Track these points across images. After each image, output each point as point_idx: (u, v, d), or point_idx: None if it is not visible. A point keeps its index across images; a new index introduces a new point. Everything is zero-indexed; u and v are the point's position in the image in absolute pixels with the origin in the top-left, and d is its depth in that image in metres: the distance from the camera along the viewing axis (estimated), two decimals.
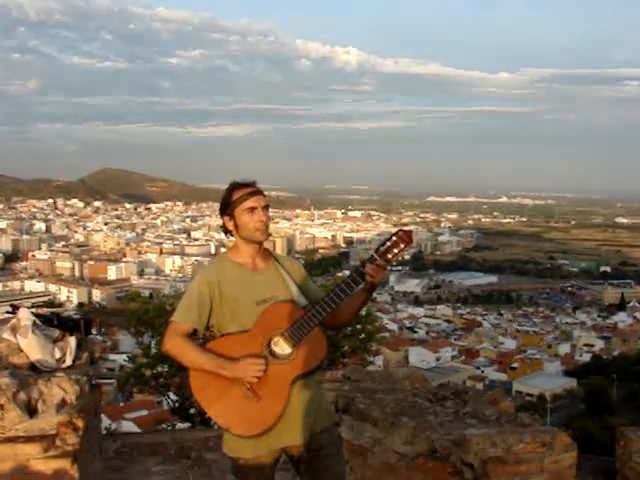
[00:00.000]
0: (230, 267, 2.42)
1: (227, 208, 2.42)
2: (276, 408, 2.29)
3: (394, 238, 2.28)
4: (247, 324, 2.34)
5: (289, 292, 2.45)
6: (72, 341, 3.42)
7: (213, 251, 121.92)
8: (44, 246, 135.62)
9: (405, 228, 2.35)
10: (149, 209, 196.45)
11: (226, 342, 2.33)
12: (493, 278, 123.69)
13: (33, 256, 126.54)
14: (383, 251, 2.29)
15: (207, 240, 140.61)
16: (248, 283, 2.40)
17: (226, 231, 2.47)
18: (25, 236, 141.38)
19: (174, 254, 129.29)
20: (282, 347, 2.33)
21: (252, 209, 2.38)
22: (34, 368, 3.23)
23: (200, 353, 2.29)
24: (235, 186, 2.43)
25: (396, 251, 2.28)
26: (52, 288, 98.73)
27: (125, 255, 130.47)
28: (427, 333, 73.35)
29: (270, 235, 2.49)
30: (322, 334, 2.38)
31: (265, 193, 2.49)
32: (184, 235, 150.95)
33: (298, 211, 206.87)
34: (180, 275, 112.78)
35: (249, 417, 2.28)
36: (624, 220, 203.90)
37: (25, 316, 3.38)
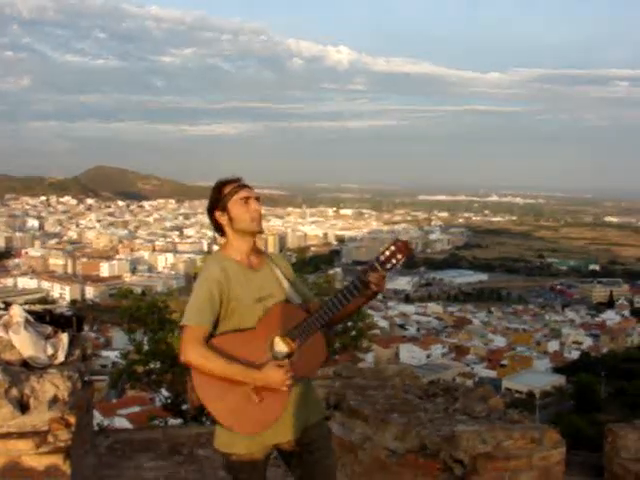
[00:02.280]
0: (230, 265, 2.39)
1: (219, 203, 2.40)
2: (276, 409, 2.31)
3: (393, 248, 2.31)
4: (244, 322, 2.34)
5: (284, 290, 2.45)
6: (64, 338, 3.42)
7: (205, 248, 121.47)
8: (37, 243, 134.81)
9: (401, 239, 2.38)
10: (142, 207, 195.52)
11: (228, 341, 2.31)
12: (483, 276, 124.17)
13: (26, 253, 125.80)
14: (383, 260, 2.31)
15: (200, 237, 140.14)
16: (247, 281, 2.39)
17: (217, 228, 2.45)
18: (18, 233, 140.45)
19: (167, 251, 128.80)
20: (283, 349, 2.34)
21: (246, 199, 2.39)
22: (26, 364, 3.23)
23: (228, 364, 2.23)
24: (224, 182, 2.43)
25: (394, 261, 2.31)
26: (45, 285, 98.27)
27: (118, 252, 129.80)
28: (418, 330, 73.59)
29: (262, 231, 2.50)
30: (323, 338, 2.40)
31: (255, 190, 2.48)
32: (177, 232, 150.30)
33: (290, 209, 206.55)
34: (173, 272, 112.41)
35: (251, 417, 2.29)
36: (613, 219, 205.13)
37: (17, 313, 3.38)
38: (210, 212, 2.44)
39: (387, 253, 2.31)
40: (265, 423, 2.30)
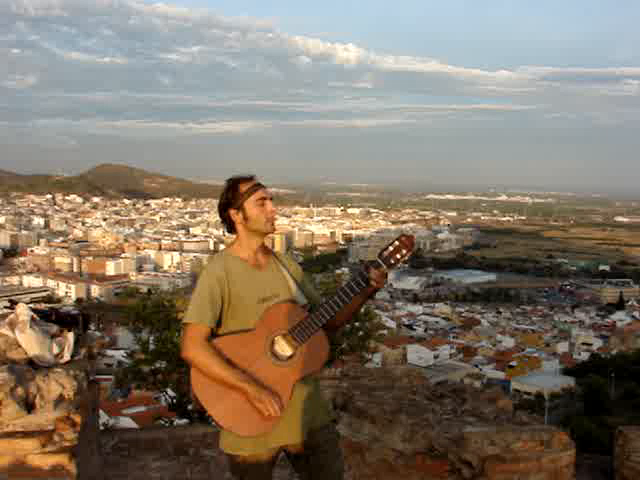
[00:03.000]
0: (235, 263, 2.38)
1: (235, 201, 2.37)
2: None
3: (397, 243, 2.28)
4: (248, 322, 2.32)
5: (290, 290, 2.42)
6: (70, 337, 3.41)
7: (212, 247, 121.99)
8: (42, 241, 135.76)
9: (407, 234, 2.35)
10: (148, 205, 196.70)
11: (227, 341, 2.30)
12: (492, 276, 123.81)
13: (32, 251, 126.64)
14: (386, 256, 2.28)
15: (206, 236, 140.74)
16: (251, 280, 2.37)
17: (229, 225, 2.43)
18: (24, 231, 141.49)
19: (173, 250, 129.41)
20: (284, 348, 2.31)
21: (263, 200, 2.37)
22: (32, 363, 3.22)
23: (225, 368, 2.23)
24: (240, 179, 2.40)
25: (398, 257, 2.28)
26: (50, 283, 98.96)
27: (124, 251, 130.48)
28: (425, 331, 73.46)
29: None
30: (325, 337, 2.36)
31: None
32: (183, 231, 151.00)
33: (297, 208, 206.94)
34: (178, 271, 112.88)
35: (250, 419, 2.27)
36: (623, 219, 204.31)
37: (23, 311, 3.37)
38: (224, 209, 2.41)
39: (390, 248, 2.29)
40: (265, 426, 2.27)
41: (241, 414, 2.27)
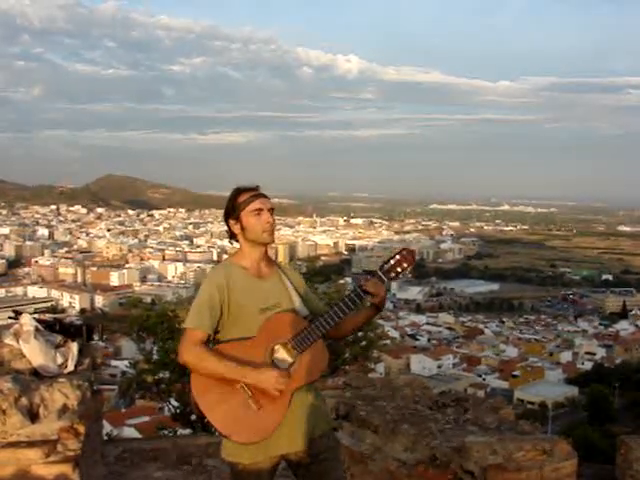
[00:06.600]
0: (237, 272, 2.41)
1: (233, 211, 2.43)
2: (276, 417, 2.30)
3: (398, 257, 2.34)
4: (249, 331, 2.34)
5: (292, 301, 2.45)
6: (74, 347, 3.43)
7: (215, 258, 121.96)
8: (47, 252, 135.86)
9: (408, 247, 2.40)
10: (152, 215, 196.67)
11: (228, 348, 2.32)
12: (495, 286, 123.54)
13: (36, 262, 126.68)
14: (387, 269, 2.34)
15: (209, 247, 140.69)
16: (253, 290, 2.40)
17: (232, 236, 2.48)
18: (28, 242, 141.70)
19: (176, 260, 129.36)
20: (284, 357, 2.34)
21: (259, 210, 2.41)
22: (36, 373, 3.24)
23: (220, 361, 2.26)
24: (240, 190, 2.45)
25: (399, 270, 2.34)
26: (55, 294, 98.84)
27: (127, 261, 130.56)
28: (429, 340, 73.24)
29: (273, 242, 2.52)
30: (324, 346, 2.40)
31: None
32: (186, 242, 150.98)
33: (300, 218, 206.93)
34: (182, 282, 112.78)
35: (249, 425, 2.28)
36: (626, 228, 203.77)
37: (27, 322, 3.39)
38: (226, 219, 2.48)
39: (391, 262, 2.35)
40: (264, 431, 2.29)
41: (240, 422, 2.29)
